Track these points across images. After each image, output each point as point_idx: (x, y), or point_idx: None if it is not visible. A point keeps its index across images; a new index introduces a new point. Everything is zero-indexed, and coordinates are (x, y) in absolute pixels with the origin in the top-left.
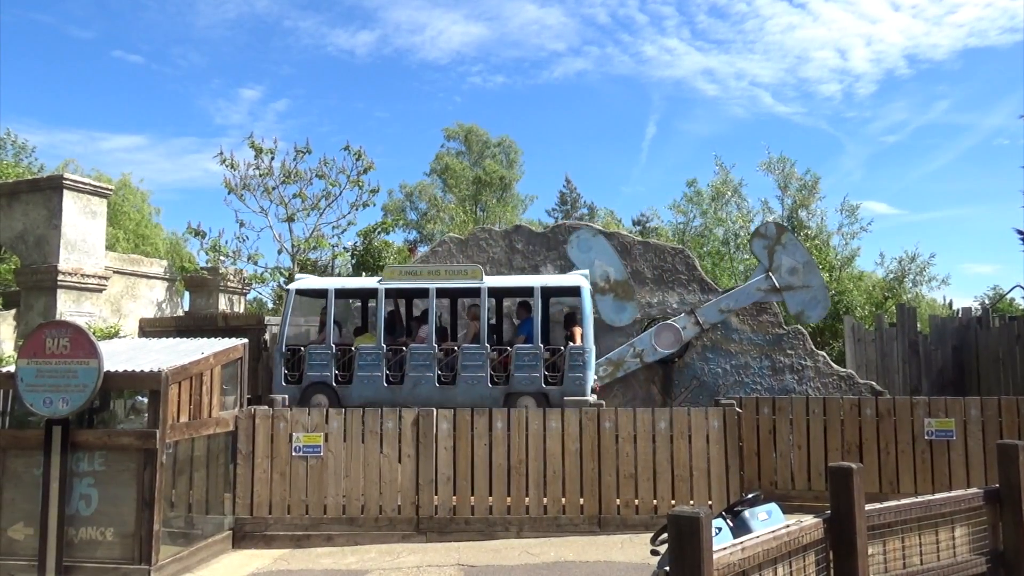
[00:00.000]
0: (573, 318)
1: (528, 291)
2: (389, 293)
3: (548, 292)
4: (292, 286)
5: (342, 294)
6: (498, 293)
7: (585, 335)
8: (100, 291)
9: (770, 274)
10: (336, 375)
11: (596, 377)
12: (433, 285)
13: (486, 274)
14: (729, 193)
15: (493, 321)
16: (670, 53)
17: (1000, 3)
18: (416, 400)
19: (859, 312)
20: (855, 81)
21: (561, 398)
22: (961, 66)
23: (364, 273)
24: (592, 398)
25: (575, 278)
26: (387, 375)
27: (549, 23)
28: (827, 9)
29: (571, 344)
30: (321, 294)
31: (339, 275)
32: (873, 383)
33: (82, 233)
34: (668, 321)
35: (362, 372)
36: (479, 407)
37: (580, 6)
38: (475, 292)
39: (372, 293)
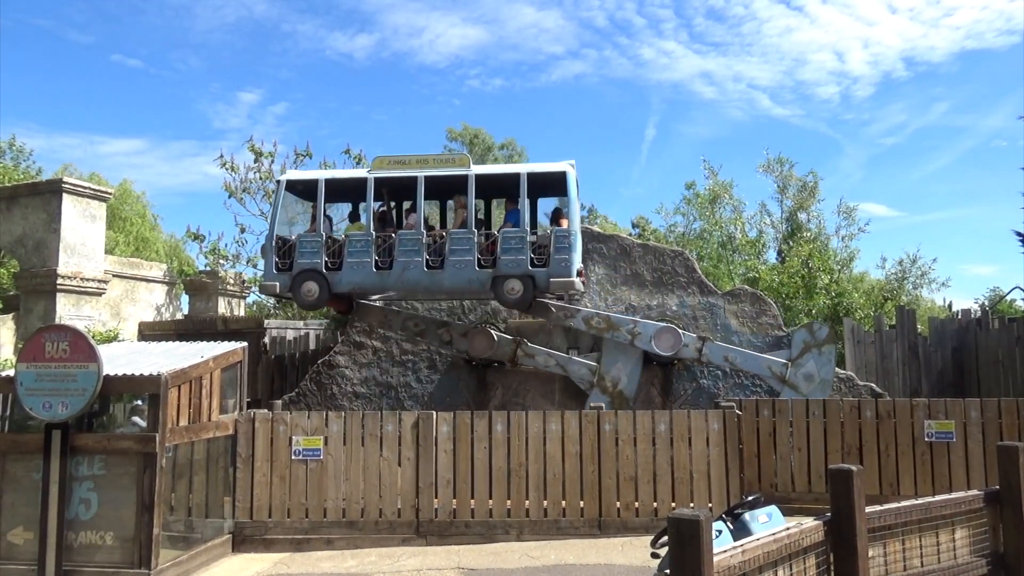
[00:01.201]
0: (560, 212)
1: (515, 177)
2: (379, 182)
3: (534, 178)
4: (282, 177)
5: (331, 184)
6: (486, 180)
7: (571, 219)
8: (99, 295)
9: (789, 364)
10: (326, 262)
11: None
12: (421, 173)
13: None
14: (725, 196)
15: (482, 216)
16: (668, 56)
17: (997, 5)
18: (404, 285)
19: (858, 314)
20: (853, 83)
21: (547, 280)
22: (959, 68)
23: None
24: (578, 281)
25: (561, 165)
26: (376, 261)
27: (547, 26)
28: (824, 12)
29: (557, 227)
30: (311, 185)
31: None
32: (873, 385)
33: (81, 237)
34: (679, 329)
35: (352, 259)
36: (466, 290)
37: (578, 9)
38: (463, 180)
39: (362, 183)
